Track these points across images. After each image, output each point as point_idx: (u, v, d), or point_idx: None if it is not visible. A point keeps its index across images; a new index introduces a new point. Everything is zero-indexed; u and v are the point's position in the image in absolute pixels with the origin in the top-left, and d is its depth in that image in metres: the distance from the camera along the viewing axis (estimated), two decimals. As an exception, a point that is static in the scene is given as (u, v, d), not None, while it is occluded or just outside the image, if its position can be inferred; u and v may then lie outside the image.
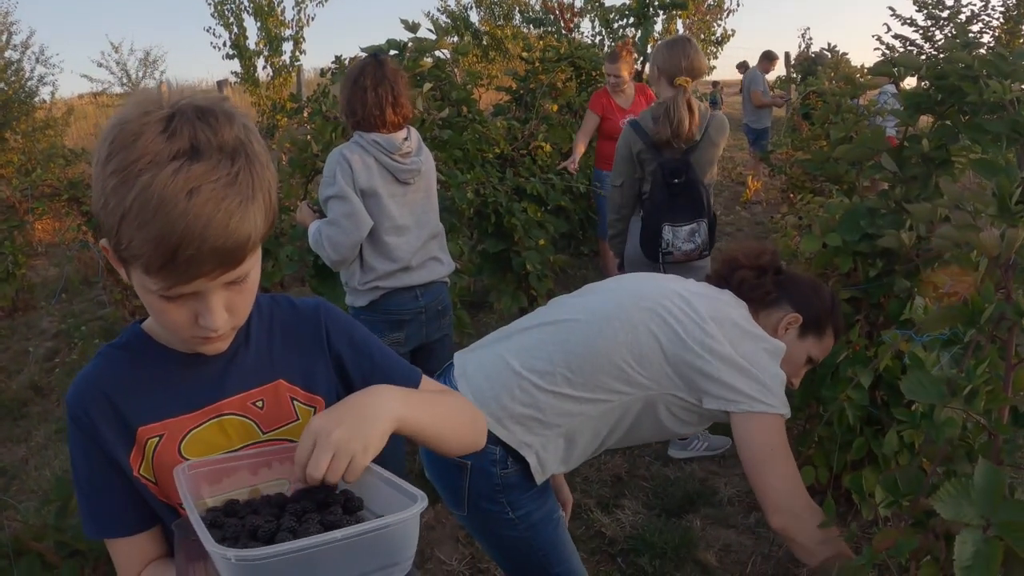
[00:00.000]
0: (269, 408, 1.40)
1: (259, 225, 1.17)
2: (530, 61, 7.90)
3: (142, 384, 1.34)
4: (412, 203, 3.59)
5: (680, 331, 2.18)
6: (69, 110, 16.01)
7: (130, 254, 1.13)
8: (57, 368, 6.70)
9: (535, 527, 2.29)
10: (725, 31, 16.88)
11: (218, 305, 1.21)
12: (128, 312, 6.85)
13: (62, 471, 4.99)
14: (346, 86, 3.52)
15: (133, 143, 1.10)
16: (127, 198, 1.09)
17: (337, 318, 1.49)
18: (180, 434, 1.34)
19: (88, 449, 1.34)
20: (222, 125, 1.14)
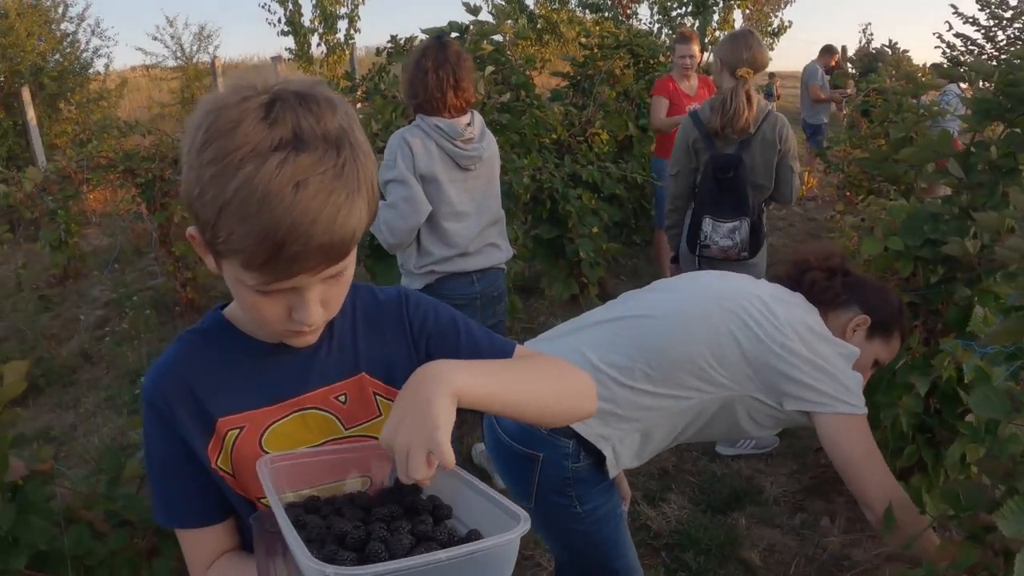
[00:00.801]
0: (352, 403, 1.35)
1: (364, 218, 1.12)
2: (588, 47, 7.80)
3: (223, 373, 1.30)
4: (473, 189, 3.56)
5: (760, 333, 2.17)
6: (123, 82, 16.13)
7: (228, 248, 1.07)
8: (107, 337, 6.74)
9: (600, 521, 2.28)
10: (782, 22, 16.69)
11: (315, 300, 1.16)
12: (179, 284, 6.88)
13: (111, 439, 5.04)
14: (408, 67, 3.49)
15: (232, 131, 1.04)
16: (227, 189, 1.03)
17: (419, 304, 1.43)
18: (261, 427, 1.30)
19: (164, 436, 1.29)
20: (325, 112, 1.09)
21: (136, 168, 6.58)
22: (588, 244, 5.73)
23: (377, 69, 7.00)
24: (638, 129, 7.47)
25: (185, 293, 6.92)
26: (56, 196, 6.38)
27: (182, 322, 6.82)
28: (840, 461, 2.14)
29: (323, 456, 1.29)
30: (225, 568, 1.35)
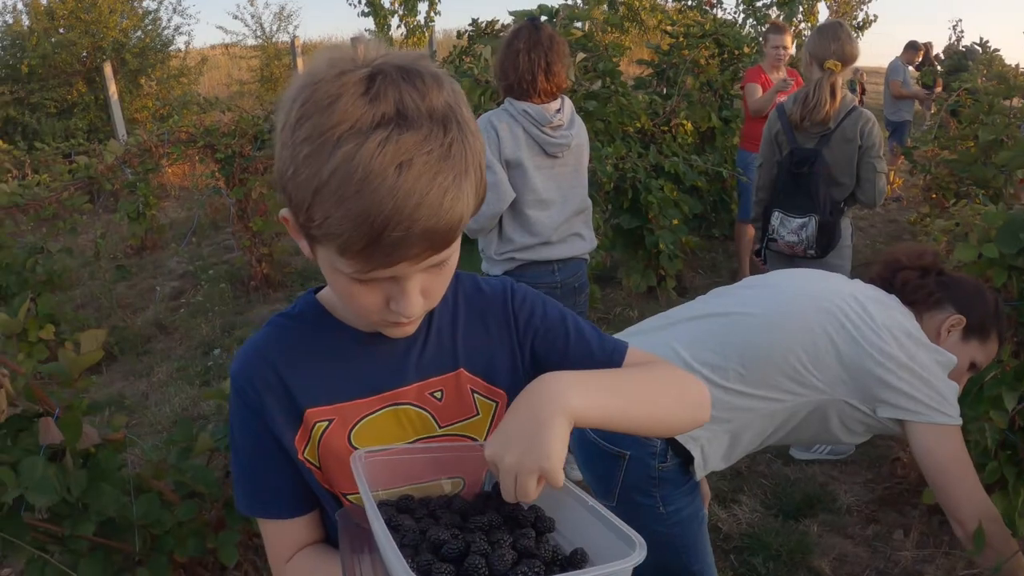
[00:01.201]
0: (448, 400, 1.28)
1: (471, 203, 1.04)
2: (674, 35, 7.67)
3: (314, 361, 1.24)
4: (559, 176, 3.48)
5: (857, 336, 2.09)
6: (203, 60, 16.36)
7: (323, 232, 1.00)
8: (182, 309, 6.82)
9: (682, 523, 2.22)
10: (867, 16, 16.30)
11: (415, 290, 1.09)
12: (255, 259, 6.93)
13: (181, 410, 5.08)
14: (500, 49, 3.43)
15: (330, 106, 0.97)
16: (324, 169, 0.97)
17: (525, 298, 1.33)
18: (352, 420, 1.23)
19: (250, 423, 1.24)
20: (430, 88, 1.01)
21: (216, 144, 6.63)
22: (668, 236, 5.65)
23: (458, 52, 6.97)
24: (720, 121, 7.33)
25: (260, 268, 6.97)
26: (136, 169, 6.43)
27: (256, 296, 6.90)
28: (933, 472, 2.07)
29: (418, 454, 1.23)
30: (307, 562, 1.29)
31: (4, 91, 12.95)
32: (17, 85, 13.19)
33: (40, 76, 13.35)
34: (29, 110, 13.01)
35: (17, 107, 12.98)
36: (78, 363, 2.81)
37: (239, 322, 6.43)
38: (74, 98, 13.52)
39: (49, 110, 13.19)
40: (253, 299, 6.84)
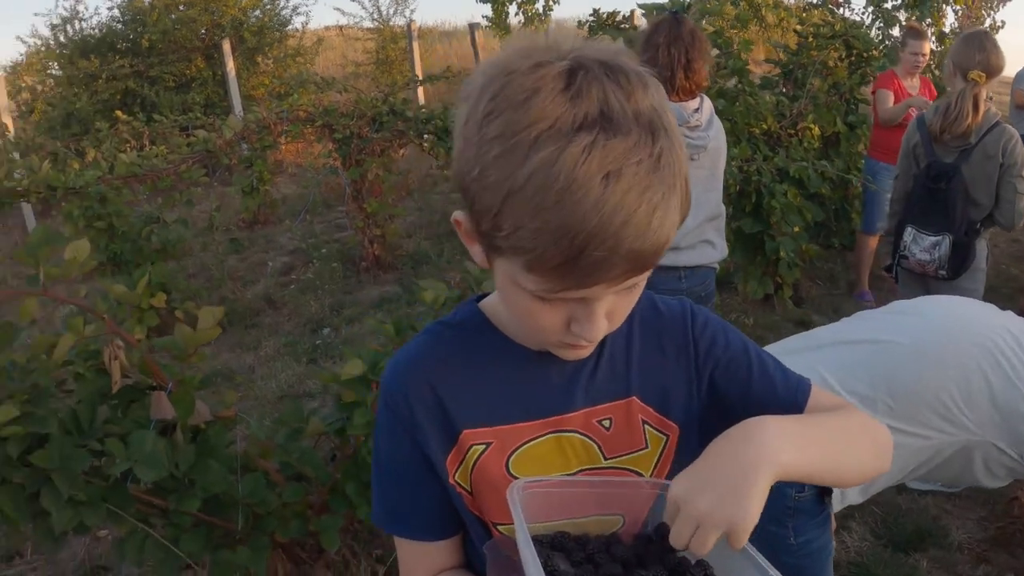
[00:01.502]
0: (617, 429, 1.16)
1: (676, 222, 0.92)
2: (803, 35, 7.43)
3: (474, 377, 1.14)
4: (693, 180, 3.32)
5: (1013, 376, 1.95)
6: (319, 40, 16.50)
7: (511, 244, 0.90)
8: (292, 285, 6.86)
9: (811, 555, 2.11)
10: (994, 22, 15.66)
11: (602, 312, 0.98)
12: (367, 240, 6.95)
13: (288, 386, 5.09)
14: (639, 42, 3.34)
15: (525, 102, 0.87)
16: (518, 174, 0.86)
17: (707, 323, 1.21)
18: (512, 445, 1.13)
19: (399, 437, 1.15)
20: (635, 88, 0.90)
21: (334, 124, 6.66)
22: (789, 243, 5.47)
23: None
24: (846, 126, 7.07)
25: (372, 249, 7.00)
26: (254, 145, 6.49)
27: (366, 277, 6.93)
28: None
29: (579, 487, 1.11)
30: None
31: (124, 64, 13.22)
32: (137, 59, 13.45)
33: (160, 51, 13.62)
34: (148, 83, 13.27)
35: (136, 80, 13.25)
36: (194, 339, 2.79)
37: (348, 301, 6.45)
38: (192, 73, 13.76)
39: (167, 84, 13.44)
40: (363, 280, 6.87)
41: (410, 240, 7.63)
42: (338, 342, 5.71)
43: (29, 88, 14.39)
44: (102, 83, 13.08)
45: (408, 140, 7.08)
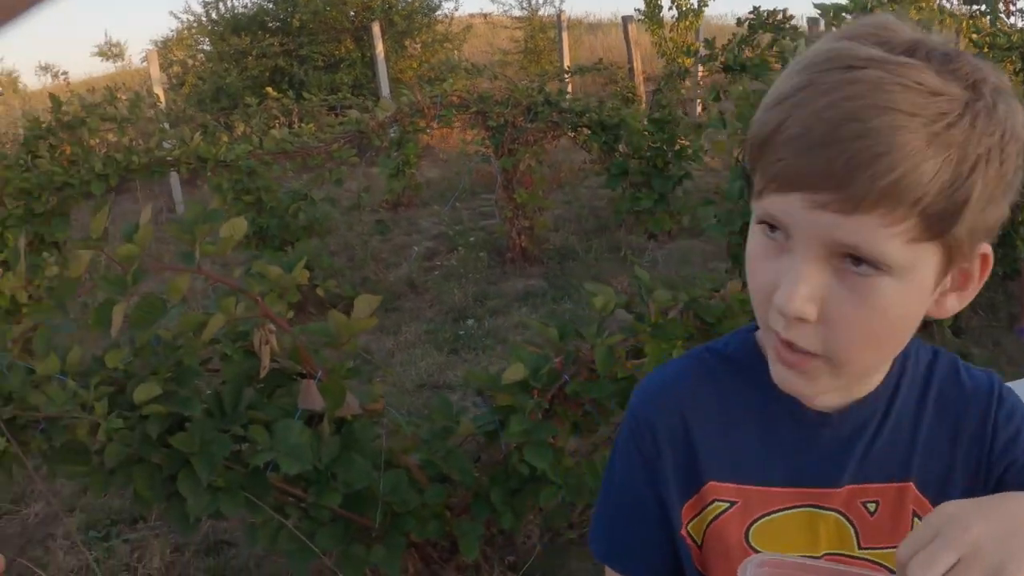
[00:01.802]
0: (882, 516, 0.96)
1: (931, 186, 0.72)
2: (979, 44, 6.96)
3: (735, 421, 0.98)
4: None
5: None
6: (467, 27, 16.46)
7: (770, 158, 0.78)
8: (436, 271, 6.77)
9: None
10: None
11: (804, 275, 0.78)
12: (515, 231, 6.81)
13: (427, 375, 4.98)
14: None
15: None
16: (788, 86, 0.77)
17: (1012, 412, 0.97)
18: (757, 512, 0.97)
19: (636, 470, 1.02)
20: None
21: (489, 111, 6.56)
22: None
23: (738, 40, 6.69)
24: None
25: (519, 240, 6.88)
26: (407, 128, 6.42)
27: (511, 268, 6.81)
28: None
29: (820, 573, 0.88)
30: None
31: (275, 43, 13.45)
32: (287, 38, 13.68)
33: (310, 31, 13.81)
34: (298, 62, 13.47)
35: (286, 59, 13.48)
36: (349, 327, 2.66)
37: (492, 292, 6.33)
38: (341, 54, 13.92)
39: (316, 63, 13.61)
40: (508, 271, 6.75)
41: (557, 234, 7.46)
42: (480, 334, 5.55)
43: (180, 62, 14.77)
44: (252, 60, 13.38)
45: (562, 132, 6.97)
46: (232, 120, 9.18)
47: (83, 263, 2.30)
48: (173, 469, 2.48)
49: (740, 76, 6.82)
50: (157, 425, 2.43)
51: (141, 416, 2.44)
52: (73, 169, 5.28)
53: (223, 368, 2.64)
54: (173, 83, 13.80)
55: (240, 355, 2.62)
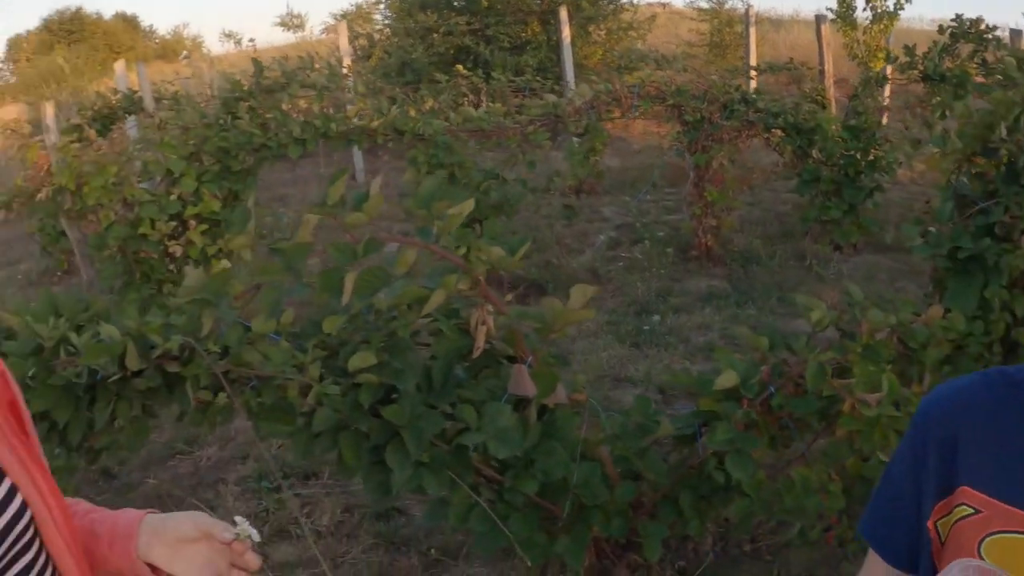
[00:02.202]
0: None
1: None
2: None
3: (1004, 439, 1.03)
4: None
5: None
6: (652, 17, 16.25)
7: None
8: (620, 261, 6.70)
9: None
10: None
11: None
12: (701, 229, 6.73)
13: (609, 367, 4.99)
14: None
15: None
16: None
17: None
18: (995, 526, 1.01)
19: (906, 461, 1.13)
20: None
21: (685, 105, 6.45)
22: None
23: (939, 48, 6.45)
24: None
25: (704, 239, 6.78)
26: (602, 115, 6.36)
27: (693, 266, 6.71)
28: None
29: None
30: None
31: (461, 22, 13.58)
32: (474, 18, 13.78)
33: (498, 11, 13.92)
34: (484, 42, 13.57)
35: (472, 38, 13.60)
36: (564, 316, 2.63)
37: (675, 289, 6.23)
38: (527, 36, 13.98)
39: (502, 44, 13.71)
40: (691, 268, 6.64)
41: (741, 235, 7.28)
42: (663, 331, 5.46)
43: (366, 35, 15.09)
44: (438, 37, 13.50)
45: (755, 132, 6.77)
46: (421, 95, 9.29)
47: (310, 227, 2.31)
48: (380, 439, 2.49)
49: (939, 87, 6.55)
50: (369, 394, 2.43)
51: (353, 384, 2.45)
52: (270, 131, 5.41)
53: (435, 343, 2.64)
54: (358, 55, 14.09)
55: (455, 332, 2.61)
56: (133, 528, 1.25)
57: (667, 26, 19.54)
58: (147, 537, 1.25)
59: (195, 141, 5.16)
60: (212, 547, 1.24)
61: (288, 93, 5.66)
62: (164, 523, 1.26)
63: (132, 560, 1.24)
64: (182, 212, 5.04)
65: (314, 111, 5.75)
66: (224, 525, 1.23)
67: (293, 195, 10.67)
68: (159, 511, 1.30)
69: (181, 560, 1.24)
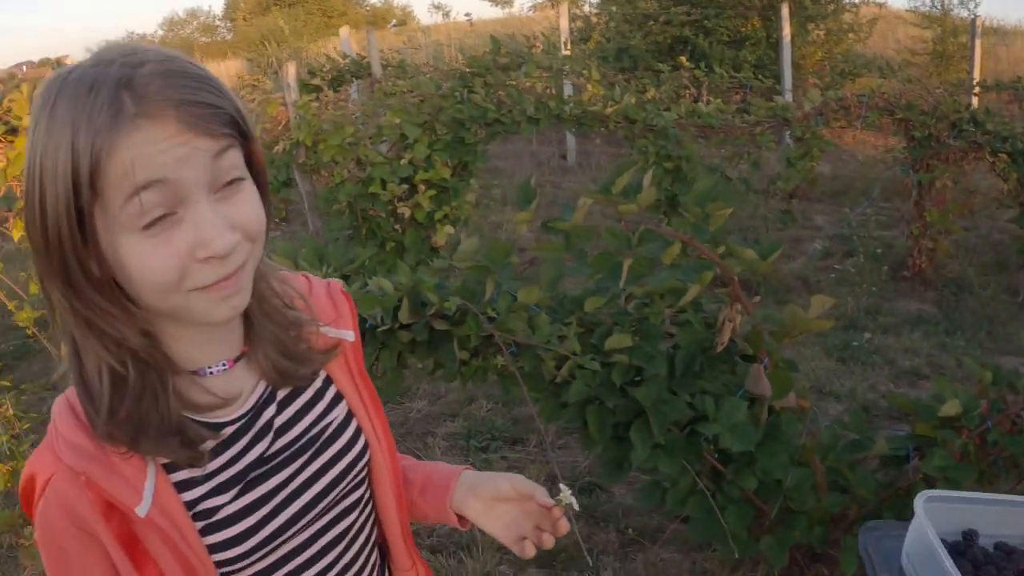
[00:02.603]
0: None
1: None
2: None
3: None
4: None
5: None
6: (874, 20, 15.66)
7: None
8: (831, 272, 6.63)
9: None
10: None
11: None
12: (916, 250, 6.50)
13: (814, 380, 4.99)
14: None
15: None
16: None
17: None
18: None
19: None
20: None
21: (913, 120, 6.26)
22: None
23: None
24: None
25: (919, 261, 6.60)
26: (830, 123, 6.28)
27: (904, 287, 6.54)
28: None
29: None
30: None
31: (681, 12, 13.46)
32: (695, 9, 13.64)
33: (718, 4, 13.69)
34: (703, 33, 13.42)
35: (691, 28, 13.46)
36: (803, 324, 2.70)
37: (884, 308, 6.12)
38: (747, 31, 13.71)
39: (721, 37, 13.50)
40: (900, 288, 6.49)
41: (955, 261, 7.06)
42: (869, 349, 5.41)
43: (583, 17, 15.16)
44: (657, 26, 13.40)
45: (982, 155, 6.51)
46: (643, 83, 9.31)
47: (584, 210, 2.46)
48: (624, 417, 2.64)
49: None
50: (620, 375, 2.59)
51: (605, 363, 2.61)
52: (504, 108, 5.58)
53: (679, 334, 2.76)
54: (575, 37, 14.18)
55: (701, 326, 2.73)
56: (451, 481, 1.38)
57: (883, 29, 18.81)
58: (464, 492, 1.37)
59: (430, 110, 5.36)
60: (522, 508, 1.33)
61: (524, 72, 5.82)
62: (482, 481, 1.36)
63: (444, 509, 1.38)
64: (412, 176, 5.23)
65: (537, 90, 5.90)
66: (544, 490, 1.31)
67: (504, 168, 10.92)
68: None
69: (490, 516, 1.34)
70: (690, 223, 2.49)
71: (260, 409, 1.14)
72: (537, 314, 2.66)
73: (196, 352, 1.08)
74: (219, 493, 1.07)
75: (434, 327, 2.71)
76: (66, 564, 1.05)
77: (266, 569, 1.13)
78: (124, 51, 0.93)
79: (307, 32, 30.28)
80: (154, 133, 0.89)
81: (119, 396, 0.99)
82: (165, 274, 0.93)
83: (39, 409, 5.38)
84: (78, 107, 0.88)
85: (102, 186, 0.89)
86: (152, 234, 0.91)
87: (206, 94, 0.93)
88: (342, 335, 1.24)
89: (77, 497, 0.99)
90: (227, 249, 0.94)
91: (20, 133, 3.52)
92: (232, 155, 0.96)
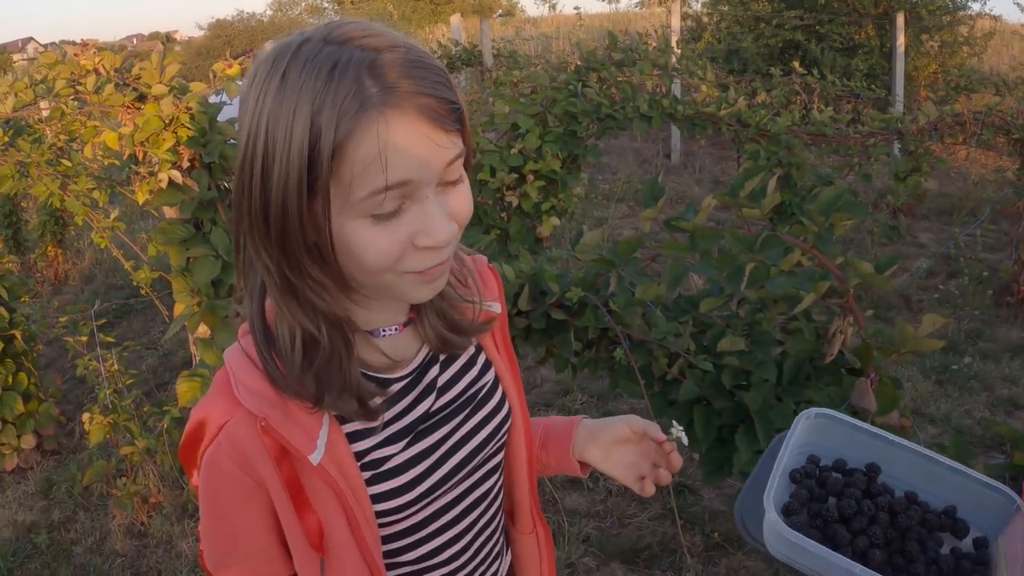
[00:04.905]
0: None
1: None
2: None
3: None
4: None
5: None
6: (990, 33, 15.17)
7: None
8: (934, 292, 6.54)
9: None
10: None
11: None
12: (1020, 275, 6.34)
13: (910, 400, 4.89)
14: None
15: None
16: None
17: None
18: None
19: None
20: None
21: (1024, 138, 6.12)
22: None
23: None
24: None
25: (1022, 288, 6.40)
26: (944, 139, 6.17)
27: (1007, 313, 6.36)
28: None
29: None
30: None
31: (794, 16, 13.28)
32: (808, 13, 13.45)
33: (833, 9, 13.48)
34: (815, 39, 13.22)
35: (804, 33, 13.27)
36: (913, 343, 2.68)
37: (986, 333, 6.00)
38: (860, 39, 13.47)
39: (834, 44, 13.28)
40: (1002, 314, 6.35)
41: (1055, 291, 6.89)
42: (967, 374, 5.35)
43: (694, 16, 15.05)
44: (768, 28, 13.27)
45: (1097, 183, 6.32)
46: (754, 86, 9.25)
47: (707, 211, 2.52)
48: (730, 420, 2.69)
49: None
50: (731, 377, 2.64)
51: (716, 364, 2.66)
52: (617, 104, 5.61)
53: (789, 341, 2.79)
54: (685, 37, 14.09)
55: (811, 335, 2.76)
56: (571, 430, 1.46)
57: (997, 44, 18.25)
58: (584, 439, 1.45)
59: (543, 102, 5.43)
60: (639, 448, 1.42)
61: (639, 70, 5.84)
62: (600, 427, 1.44)
63: (566, 458, 1.46)
64: (521, 166, 5.30)
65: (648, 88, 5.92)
66: (657, 426, 1.41)
67: (608, 163, 10.94)
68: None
69: (610, 459, 1.43)
70: (812, 231, 2.51)
71: (424, 369, 1.22)
72: (653, 311, 2.73)
73: (373, 316, 1.15)
74: (389, 444, 1.15)
75: (552, 316, 2.79)
76: (224, 510, 1.12)
77: (417, 524, 1.21)
78: (359, 31, 0.95)
79: (415, 19, 30.48)
80: (402, 128, 0.92)
81: (309, 357, 1.06)
82: (385, 258, 0.98)
83: (137, 366, 5.62)
84: (318, 83, 0.90)
85: (341, 168, 0.92)
86: (378, 221, 0.97)
87: (445, 89, 0.96)
88: (491, 308, 1.32)
89: (252, 443, 1.05)
90: (448, 240, 1.00)
91: (148, 100, 3.68)
92: (460, 156, 1.01)
